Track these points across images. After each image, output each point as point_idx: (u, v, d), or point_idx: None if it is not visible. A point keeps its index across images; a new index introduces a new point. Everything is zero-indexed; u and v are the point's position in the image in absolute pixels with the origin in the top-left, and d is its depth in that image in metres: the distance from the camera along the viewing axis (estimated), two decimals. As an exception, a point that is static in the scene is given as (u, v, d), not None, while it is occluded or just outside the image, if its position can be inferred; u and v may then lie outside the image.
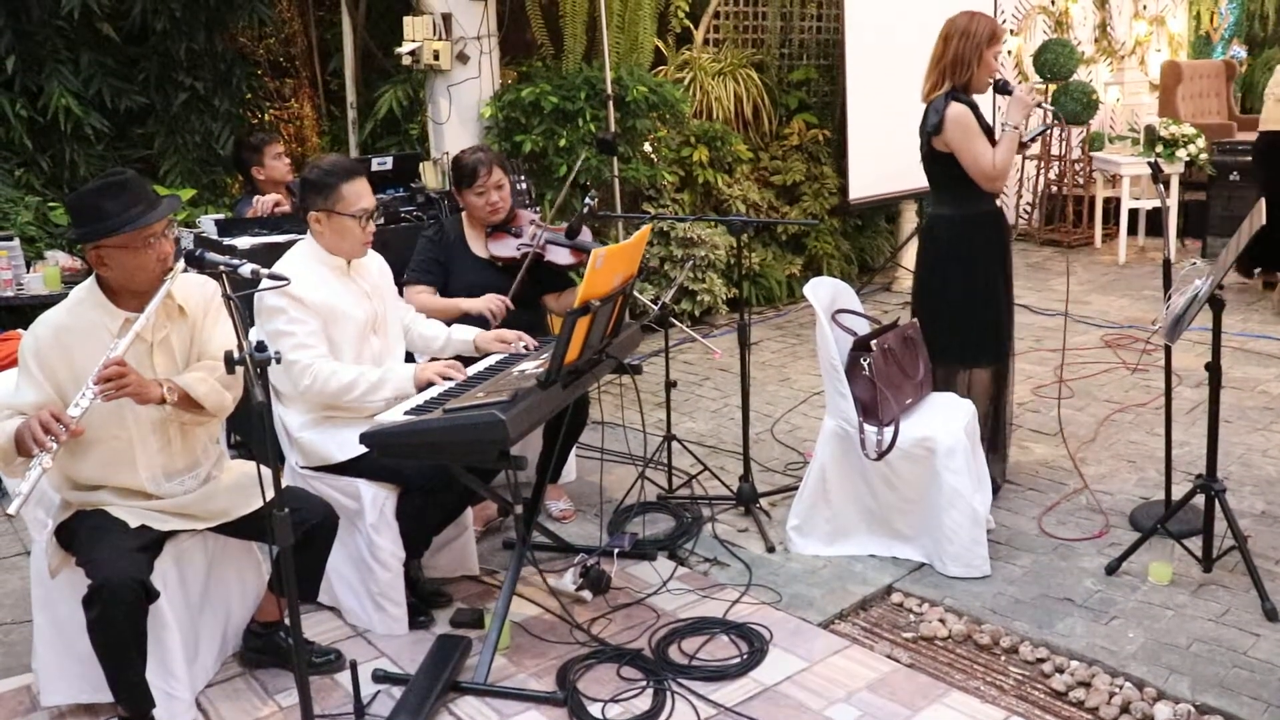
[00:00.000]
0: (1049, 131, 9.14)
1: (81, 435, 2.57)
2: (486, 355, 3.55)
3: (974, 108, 3.85)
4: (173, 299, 2.82)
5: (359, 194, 3.26)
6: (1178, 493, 3.74)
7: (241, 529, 2.96)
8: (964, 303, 3.95)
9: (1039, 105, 3.95)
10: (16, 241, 5.11)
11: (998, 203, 4.00)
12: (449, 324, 3.73)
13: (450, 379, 3.23)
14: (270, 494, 2.39)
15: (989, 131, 3.87)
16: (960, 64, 3.83)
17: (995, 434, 4.09)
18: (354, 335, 3.29)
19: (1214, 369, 3.41)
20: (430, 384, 3.21)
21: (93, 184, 2.73)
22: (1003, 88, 3.90)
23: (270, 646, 3.16)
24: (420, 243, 4.05)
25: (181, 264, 2.72)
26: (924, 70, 3.95)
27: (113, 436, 2.76)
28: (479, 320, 3.83)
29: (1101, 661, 3.05)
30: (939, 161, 3.91)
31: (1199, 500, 3.49)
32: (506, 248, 4.06)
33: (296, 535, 2.52)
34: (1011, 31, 9.55)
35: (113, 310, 2.75)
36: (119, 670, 2.68)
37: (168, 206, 2.76)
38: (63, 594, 2.85)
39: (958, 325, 3.96)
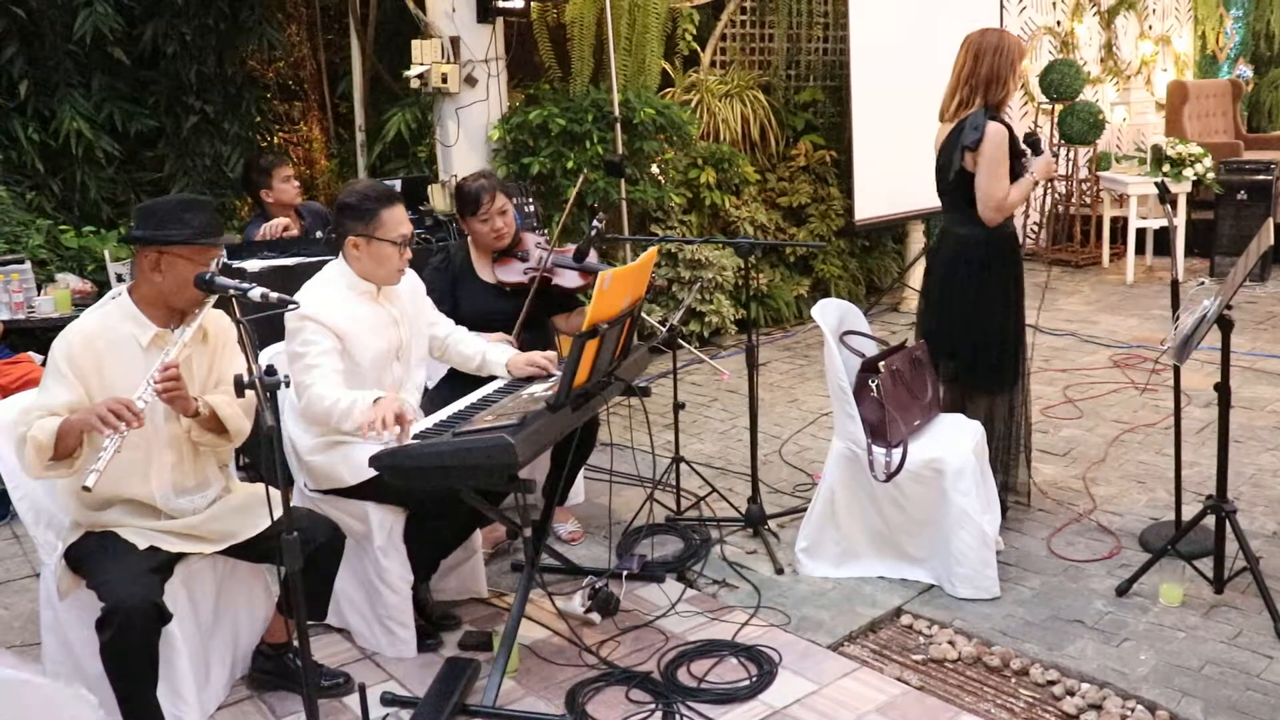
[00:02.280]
0: (1063, 152, 9.17)
1: (141, 427, 2.60)
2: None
3: (1010, 130, 3.77)
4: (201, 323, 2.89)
5: (398, 220, 3.28)
6: (1188, 513, 3.72)
7: (249, 551, 2.97)
8: (995, 326, 3.87)
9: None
10: (28, 264, 5.14)
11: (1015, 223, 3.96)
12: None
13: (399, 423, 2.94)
14: (266, 518, 2.40)
15: (1016, 154, 3.80)
16: (996, 81, 3.76)
17: (1007, 456, 4.05)
18: (374, 360, 3.29)
19: (1223, 389, 3.40)
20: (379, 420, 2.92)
21: (173, 197, 2.93)
22: (1034, 144, 3.86)
23: (279, 668, 3.16)
24: (426, 275, 4.04)
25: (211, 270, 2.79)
26: (934, 89, 3.90)
27: (131, 447, 2.77)
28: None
29: (1113, 684, 3.03)
30: (970, 181, 3.78)
31: (1210, 521, 3.47)
32: (513, 273, 4.06)
33: (303, 556, 2.52)
34: (1018, 52, 9.57)
35: (145, 323, 2.81)
36: (132, 693, 2.68)
37: (228, 238, 2.89)
38: (72, 616, 2.86)
39: (987, 350, 3.88)
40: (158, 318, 2.82)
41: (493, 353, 3.57)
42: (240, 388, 2.35)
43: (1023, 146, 3.86)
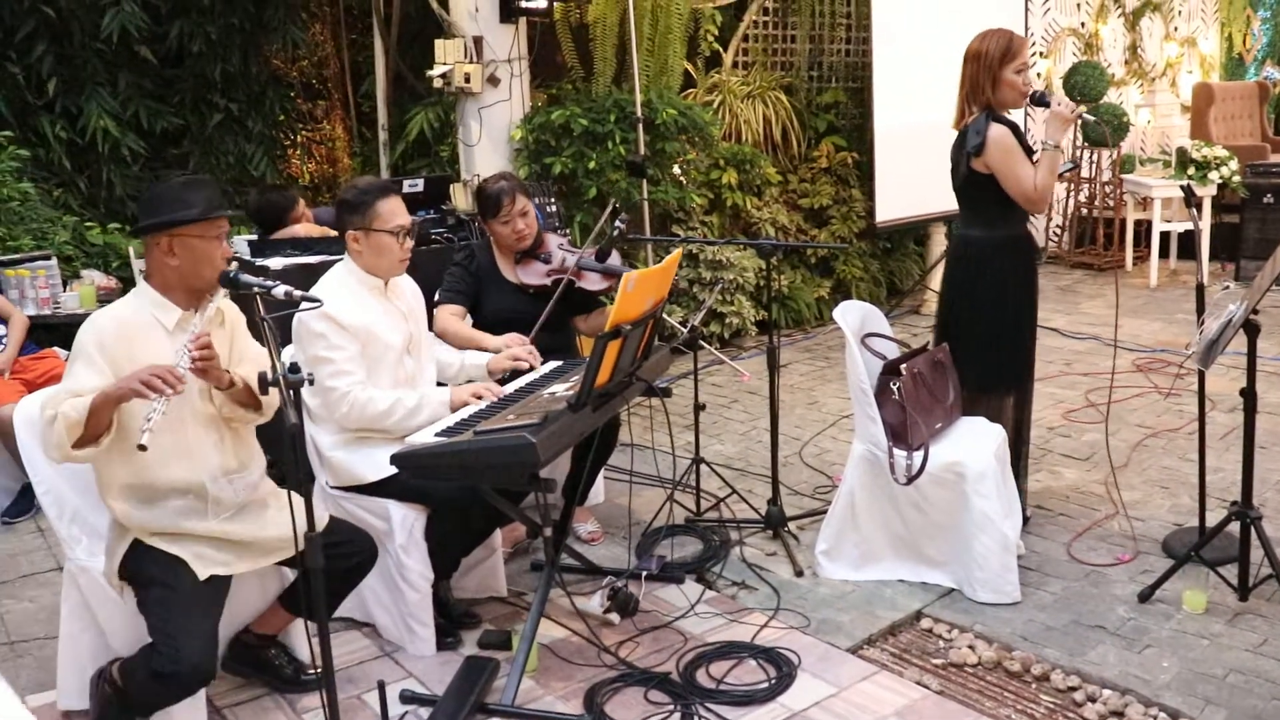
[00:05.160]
0: (1085, 155, 9.11)
1: (183, 393, 2.61)
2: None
3: (1014, 127, 3.73)
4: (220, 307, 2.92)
5: (394, 211, 3.31)
6: (1212, 519, 3.69)
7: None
8: (992, 328, 3.85)
9: (1081, 116, 3.75)
10: (54, 261, 5.19)
11: (1029, 225, 3.92)
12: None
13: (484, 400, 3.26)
14: (303, 520, 2.38)
15: (1029, 150, 3.76)
16: (976, 89, 3.74)
17: (1015, 461, 4.01)
18: (391, 357, 3.32)
19: (1249, 394, 3.37)
20: (465, 405, 3.24)
21: (173, 181, 2.88)
22: (1039, 99, 3.73)
23: (254, 659, 3.16)
24: (451, 267, 4.08)
25: (234, 268, 2.82)
26: (953, 92, 3.90)
27: (171, 430, 2.75)
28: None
29: (1135, 691, 3.01)
30: (977, 184, 3.77)
31: (1234, 527, 3.45)
32: (535, 274, 4.06)
33: (345, 568, 2.73)
34: (1041, 54, 9.52)
35: (169, 307, 2.81)
36: (135, 714, 2.78)
37: (231, 213, 2.94)
38: (107, 609, 2.90)
39: (984, 350, 3.87)
40: (180, 301, 2.82)
41: (470, 358, 3.68)
42: (264, 385, 2.36)
43: (1031, 109, 3.82)
